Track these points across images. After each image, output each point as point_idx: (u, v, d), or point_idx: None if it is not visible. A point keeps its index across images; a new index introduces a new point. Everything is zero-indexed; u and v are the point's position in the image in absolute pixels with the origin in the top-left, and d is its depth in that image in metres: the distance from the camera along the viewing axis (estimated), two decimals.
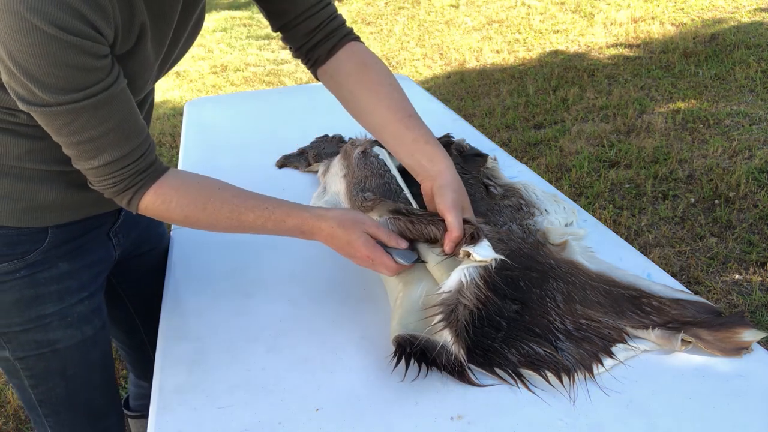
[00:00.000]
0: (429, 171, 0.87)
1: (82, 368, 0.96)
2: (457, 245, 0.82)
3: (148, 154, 0.78)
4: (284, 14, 0.93)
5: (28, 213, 0.84)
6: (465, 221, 0.84)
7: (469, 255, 0.79)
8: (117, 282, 1.12)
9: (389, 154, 1.15)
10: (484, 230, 0.85)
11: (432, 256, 0.85)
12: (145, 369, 1.27)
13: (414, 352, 0.75)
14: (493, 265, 0.80)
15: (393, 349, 0.77)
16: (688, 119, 3.17)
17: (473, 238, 0.81)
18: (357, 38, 0.97)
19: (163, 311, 0.95)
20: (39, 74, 0.64)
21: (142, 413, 1.36)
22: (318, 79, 1.00)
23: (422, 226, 0.87)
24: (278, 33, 0.97)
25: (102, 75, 0.69)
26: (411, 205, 0.95)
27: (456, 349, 0.74)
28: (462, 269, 0.78)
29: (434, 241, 0.87)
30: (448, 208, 0.83)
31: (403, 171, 1.23)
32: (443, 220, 0.84)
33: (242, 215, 0.80)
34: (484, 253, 0.78)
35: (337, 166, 1.25)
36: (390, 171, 1.08)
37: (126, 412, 1.38)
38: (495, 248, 0.81)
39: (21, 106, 0.68)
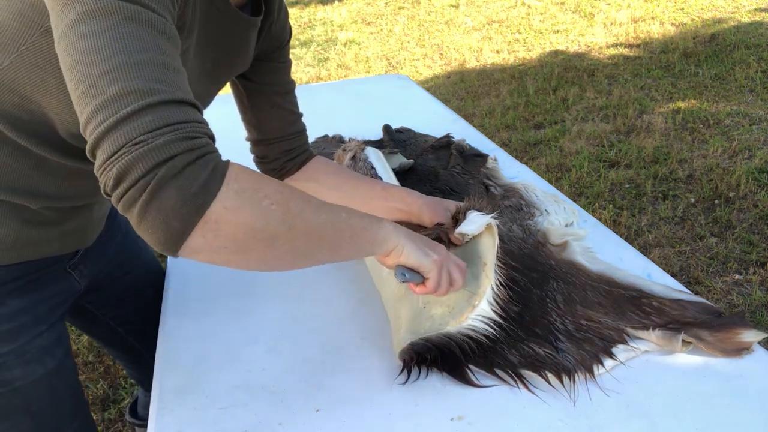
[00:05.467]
0: (404, 209, 0.97)
1: (48, 401, 0.87)
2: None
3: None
4: (272, 131, 0.97)
5: None
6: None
7: (462, 236, 0.86)
8: (94, 308, 1.05)
9: (383, 155, 1.15)
10: (465, 206, 0.90)
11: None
12: (151, 383, 1.25)
13: (434, 359, 0.76)
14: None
15: (400, 358, 0.78)
16: (688, 119, 3.17)
17: (457, 220, 0.89)
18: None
19: (163, 312, 0.95)
20: None
21: None
22: None
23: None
24: (249, 141, 1.00)
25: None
26: None
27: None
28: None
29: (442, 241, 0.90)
30: (437, 220, 0.91)
31: (398, 173, 1.23)
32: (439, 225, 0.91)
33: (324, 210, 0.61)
34: (468, 228, 0.85)
35: None
36: (376, 173, 1.08)
37: (134, 420, 1.37)
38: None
39: None
